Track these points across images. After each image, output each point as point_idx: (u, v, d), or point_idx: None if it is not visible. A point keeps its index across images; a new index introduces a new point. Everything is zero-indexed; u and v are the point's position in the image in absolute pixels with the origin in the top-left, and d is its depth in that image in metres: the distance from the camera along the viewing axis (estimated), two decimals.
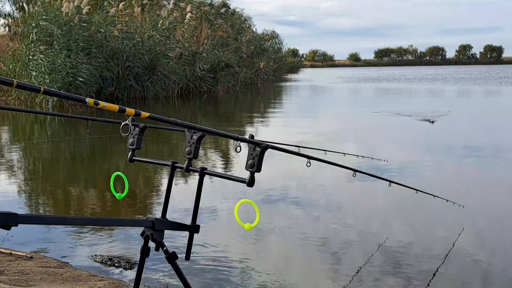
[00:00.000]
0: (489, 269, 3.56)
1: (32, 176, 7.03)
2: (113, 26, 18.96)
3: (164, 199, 2.12)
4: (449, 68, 78.35)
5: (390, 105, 17.60)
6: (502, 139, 9.63)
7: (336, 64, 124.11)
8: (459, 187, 5.97)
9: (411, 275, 3.42)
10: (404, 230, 4.41)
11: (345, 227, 4.49)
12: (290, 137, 9.29)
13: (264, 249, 4.00)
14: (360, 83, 36.54)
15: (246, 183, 1.99)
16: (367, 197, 5.51)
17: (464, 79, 38.74)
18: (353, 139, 9.74)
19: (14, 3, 24.63)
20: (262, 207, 4.94)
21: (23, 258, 3.56)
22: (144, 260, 1.99)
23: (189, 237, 2.07)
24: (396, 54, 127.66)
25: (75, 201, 5.54)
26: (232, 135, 2.06)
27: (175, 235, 3.90)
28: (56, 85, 16.13)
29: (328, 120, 13.66)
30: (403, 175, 6.29)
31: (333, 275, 3.45)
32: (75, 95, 1.62)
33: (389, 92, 26.23)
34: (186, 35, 23.11)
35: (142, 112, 1.75)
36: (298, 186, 6.05)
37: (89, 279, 3.24)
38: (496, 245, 4.06)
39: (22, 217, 1.37)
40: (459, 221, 4.56)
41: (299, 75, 56.84)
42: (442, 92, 25.38)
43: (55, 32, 17.10)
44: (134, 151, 2.28)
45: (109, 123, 3.10)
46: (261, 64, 30.91)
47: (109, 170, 7.04)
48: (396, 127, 11.96)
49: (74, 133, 11.08)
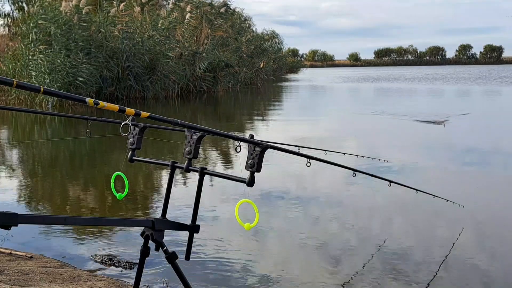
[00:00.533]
0: (489, 269, 3.56)
1: (32, 176, 7.02)
2: (113, 26, 18.97)
3: (164, 199, 2.12)
4: (449, 68, 78.34)
5: (392, 106, 17.59)
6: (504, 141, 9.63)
7: (336, 64, 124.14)
8: (459, 187, 5.97)
9: (411, 275, 3.42)
10: (404, 230, 4.41)
11: (345, 227, 4.49)
12: (290, 137, 9.29)
13: (264, 249, 4.00)
14: (361, 83, 36.55)
15: (246, 183, 1.99)
16: (367, 197, 5.51)
17: (465, 78, 38.75)
18: (353, 139, 9.74)
19: (14, 3, 24.64)
20: (262, 207, 4.94)
21: (23, 258, 3.56)
22: (144, 260, 1.99)
23: (189, 237, 2.07)
24: (396, 54, 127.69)
25: (75, 201, 5.54)
26: (232, 135, 2.07)
27: (175, 235, 3.90)
28: (56, 85, 16.13)
29: (329, 120, 13.65)
30: (403, 175, 6.29)
31: (333, 275, 3.44)
32: (75, 95, 1.62)
33: (389, 92, 26.23)
34: (186, 35, 23.11)
35: (142, 112, 1.75)
36: (298, 186, 6.05)
37: (89, 279, 3.24)
38: (496, 245, 4.06)
39: (22, 217, 1.37)
40: (459, 221, 4.56)
41: (299, 75, 56.84)
42: (444, 92, 25.38)
43: (53, 31, 17.07)
44: (134, 151, 2.28)
45: (109, 123, 3.10)
46: (261, 64, 30.91)
47: (109, 170, 7.03)
48: (403, 130, 11.95)
49: (74, 133, 11.08)
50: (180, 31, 23.00)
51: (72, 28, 17.45)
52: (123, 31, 18.75)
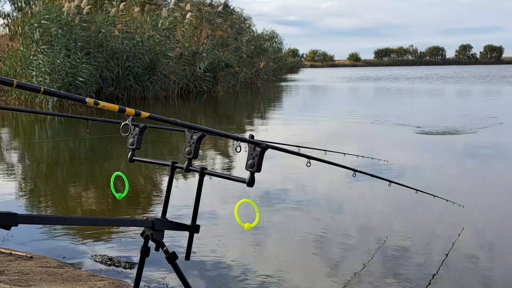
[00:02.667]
0: (489, 269, 3.55)
1: (32, 176, 7.03)
2: (113, 26, 18.96)
3: (164, 199, 2.12)
4: (450, 68, 78.28)
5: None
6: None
7: (336, 64, 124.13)
8: (459, 187, 5.97)
9: (411, 275, 3.42)
10: (404, 230, 4.40)
11: (345, 227, 4.48)
12: (290, 137, 9.29)
13: (264, 249, 4.00)
14: (361, 83, 36.54)
15: (246, 183, 1.99)
16: (367, 197, 5.51)
17: (465, 78, 38.71)
18: (353, 139, 9.73)
19: (13, 3, 24.64)
20: (262, 207, 4.93)
21: (23, 258, 3.56)
22: (144, 260, 1.99)
23: (189, 237, 2.07)
24: (396, 54, 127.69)
25: (75, 201, 5.54)
26: (232, 135, 2.07)
27: (175, 235, 3.90)
28: (56, 85, 16.12)
29: (330, 121, 13.64)
30: (403, 175, 6.29)
31: (333, 275, 3.44)
32: (75, 95, 1.62)
33: (390, 92, 26.24)
34: (186, 35, 23.11)
35: (142, 112, 1.75)
36: (298, 186, 6.05)
37: (89, 279, 3.24)
38: (496, 245, 4.06)
39: (22, 217, 1.38)
40: (459, 221, 4.56)
41: (299, 75, 56.83)
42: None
43: (53, 31, 17.06)
44: (134, 151, 2.28)
45: (109, 123, 3.11)
46: (261, 64, 30.89)
47: (109, 170, 7.03)
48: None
49: (74, 133, 11.08)
50: (180, 31, 23.00)
51: (73, 28, 17.45)
52: (123, 31, 18.75)
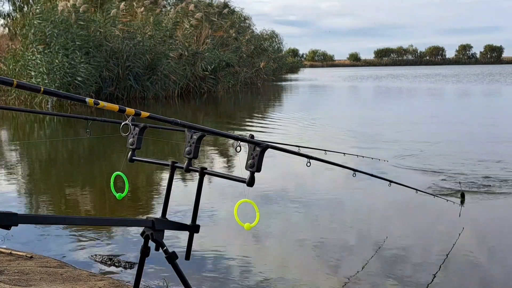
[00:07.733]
0: (489, 269, 3.55)
1: (32, 176, 7.02)
2: (113, 26, 18.95)
3: (164, 199, 2.12)
4: (450, 68, 78.27)
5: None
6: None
7: (336, 64, 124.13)
8: (458, 186, 5.96)
9: (411, 275, 3.42)
10: (404, 230, 4.41)
11: (345, 227, 4.48)
12: (290, 137, 9.28)
13: (263, 249, 4.00)
14: (362, 82, 36.53)
15: (246, 183, 1.98)
16: (367, 197, 5.51)
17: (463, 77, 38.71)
18: (353, 140, 9.72)
19: (13, 4, 24.63)
20: (262, 207, 4.93)
21: (23, 258, 3.56)
22: (144, 260, 1.99)
23: (189, 237, 2.07)
24: (396, 54, 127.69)
25: (75, 201, 5.54)
26: (232, 135, 2.06)
27: (175, 235, 3.89)
28: (55, 85, 16.10)
29: (330, 121, 13.64)
30: (403, 175, 6.28)
31: (333, 275, 3.44)
32: (75, 95, 1.62)
33: (390, 92, 26.24)
34: (186, 35, 23.10)
35: (142, 112, 1.74)
36: (298, 186, 6.05)
37: (89, 279, 3.24)
38: (496, 245, 4.06)
39: (22, 217, 1.37)
40: (459, 221, 4.56)
41: (299, 75, 56.83)
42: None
43: (48, 31, 17.01)
44: (134, 151, 2.27)
45: (109, 123, 3.10)
46: (261, 64, 30.91)
47: (109, 170, 7.03)
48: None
49: (74, 133, 11.08)
50: (181, 31, 23.00)
51: (70, 28, 17.41)
52: (124, 31, 18.73)
